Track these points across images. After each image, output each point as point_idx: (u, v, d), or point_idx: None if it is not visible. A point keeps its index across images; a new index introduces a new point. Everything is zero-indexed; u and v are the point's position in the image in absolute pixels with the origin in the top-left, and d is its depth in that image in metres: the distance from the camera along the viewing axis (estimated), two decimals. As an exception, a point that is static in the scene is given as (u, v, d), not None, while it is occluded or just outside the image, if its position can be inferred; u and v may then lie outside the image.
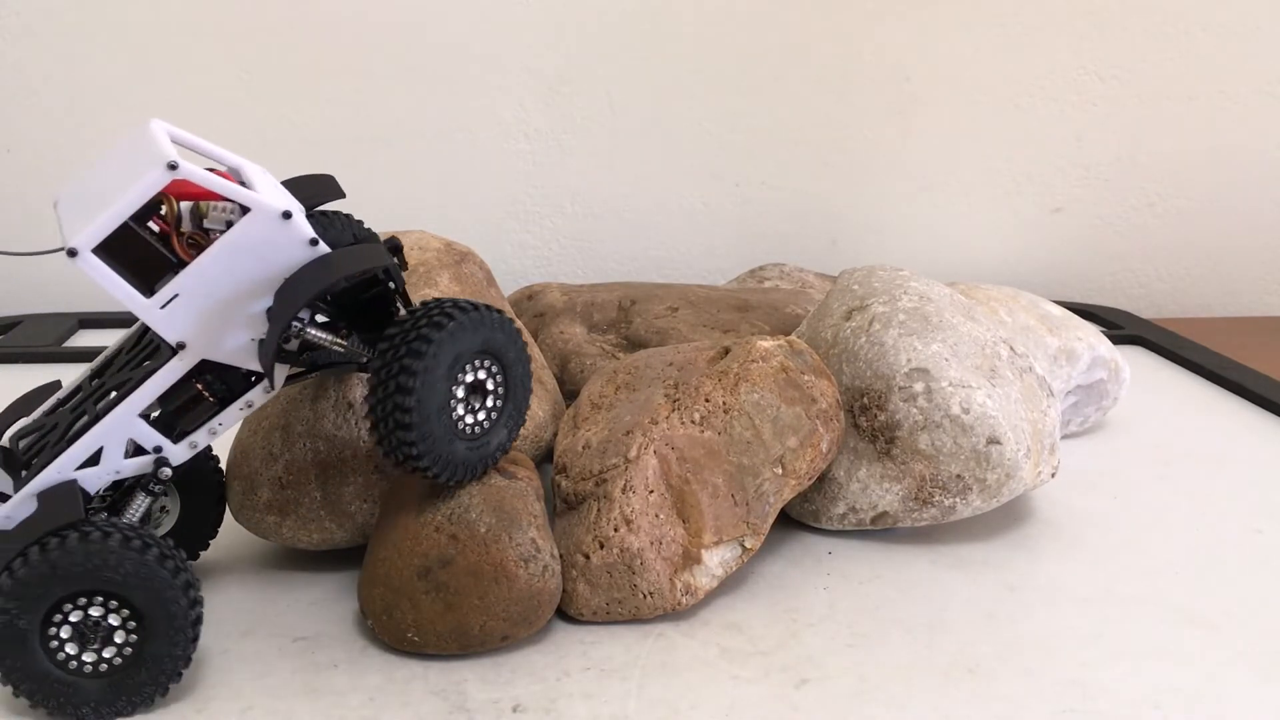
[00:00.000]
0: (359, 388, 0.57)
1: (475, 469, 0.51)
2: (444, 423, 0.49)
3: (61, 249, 0.45)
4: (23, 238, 1.06)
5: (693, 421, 0.56)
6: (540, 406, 0.64)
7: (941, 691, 0.49)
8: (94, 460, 0.47)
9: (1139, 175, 1.14)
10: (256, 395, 0.49)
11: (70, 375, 0.55)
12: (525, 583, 0.49)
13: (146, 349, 0.51)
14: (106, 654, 0.45)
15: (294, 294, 0.46)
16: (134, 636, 0.45)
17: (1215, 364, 0.91)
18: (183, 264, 0.46)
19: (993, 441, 0.58)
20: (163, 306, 0.46)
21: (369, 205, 0.63)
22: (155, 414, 0.49)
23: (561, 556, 0.53)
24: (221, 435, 0.50)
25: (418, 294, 0.63)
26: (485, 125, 1.08)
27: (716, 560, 0.55)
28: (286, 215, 0.46)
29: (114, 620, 0.45)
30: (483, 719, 0.46)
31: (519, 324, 0.52)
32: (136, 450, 0.49)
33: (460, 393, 0.49)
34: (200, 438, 0.49)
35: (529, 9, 1.05)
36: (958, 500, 0.59)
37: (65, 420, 0.49)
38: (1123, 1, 1.08)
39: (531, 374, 0.53)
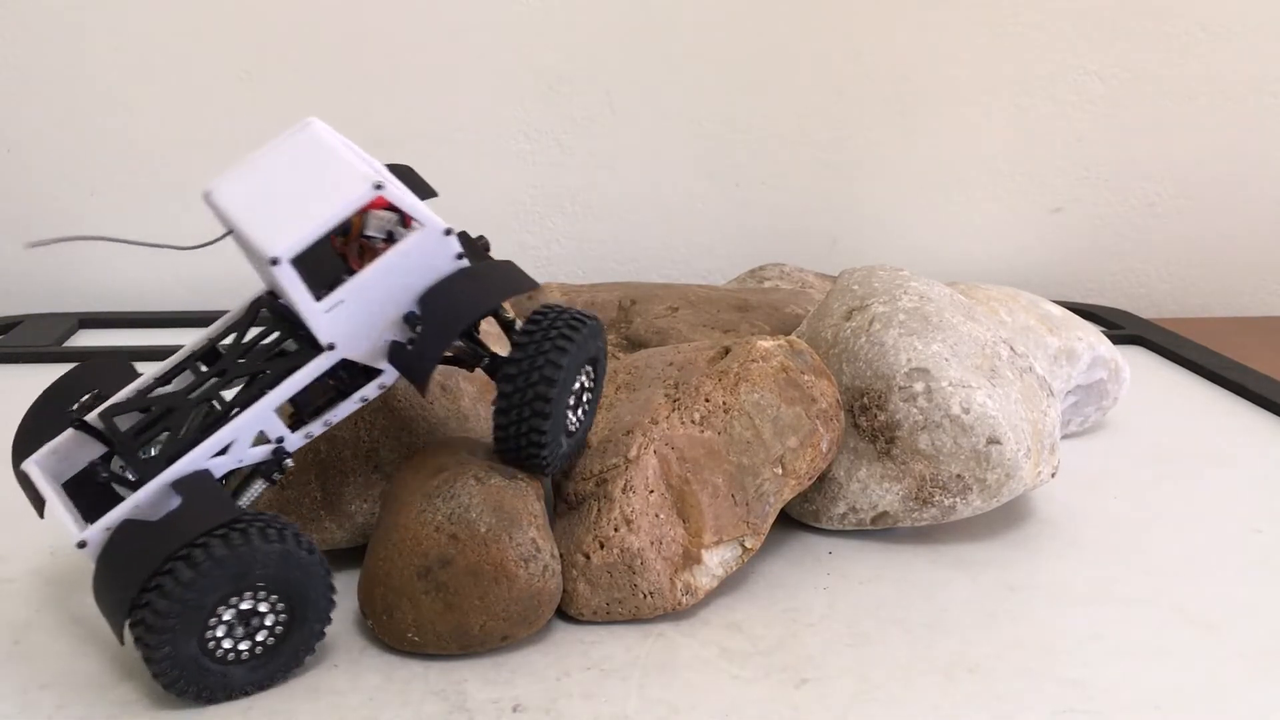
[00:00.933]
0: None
1: (563, 462, 0.55)
2: (563, 418, 0.53)
3: (199, 245, 0.48)
4: (24, 238, 1.06)
5: (693, 421, 0.56)
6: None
7: (941, 691, 0.49)
8: (223, 449, 0.48)
9: (1139, 175, 1.14)
10: (372, 390, 0.51)
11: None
12: (525, 583, 0.49)
13: (269, 340, 0.52)
14: (253, 643, 0.47)
15: (460, 310, 0.49)
16: (280, 629, 0.47)
17: (1215, 364, 0.91)
18: (351, 271, 0.48)
19: (993, 441, 0.58)
20: (328, 310, 0.47)
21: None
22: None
23: (561, 556, 0.53)
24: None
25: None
26: (485, 125, 1.08)
27: (716, 560, 0.55)
28: (448, 232, 0.49)
29: (266, 612, 0.46)
30: (483, 719, 0.46)
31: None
32: (258, 440, 0.50)
33: (576, 387, 0.53)
34: (315, 428, 0.51)
35: (529, 9, 1.05)
36: (958, 500, 0.59)
37: (185, 406, 0.49)
38: (1123, 1, 1.08)
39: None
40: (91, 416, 0.50)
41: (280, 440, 0.50)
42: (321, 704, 0.47)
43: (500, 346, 0.57)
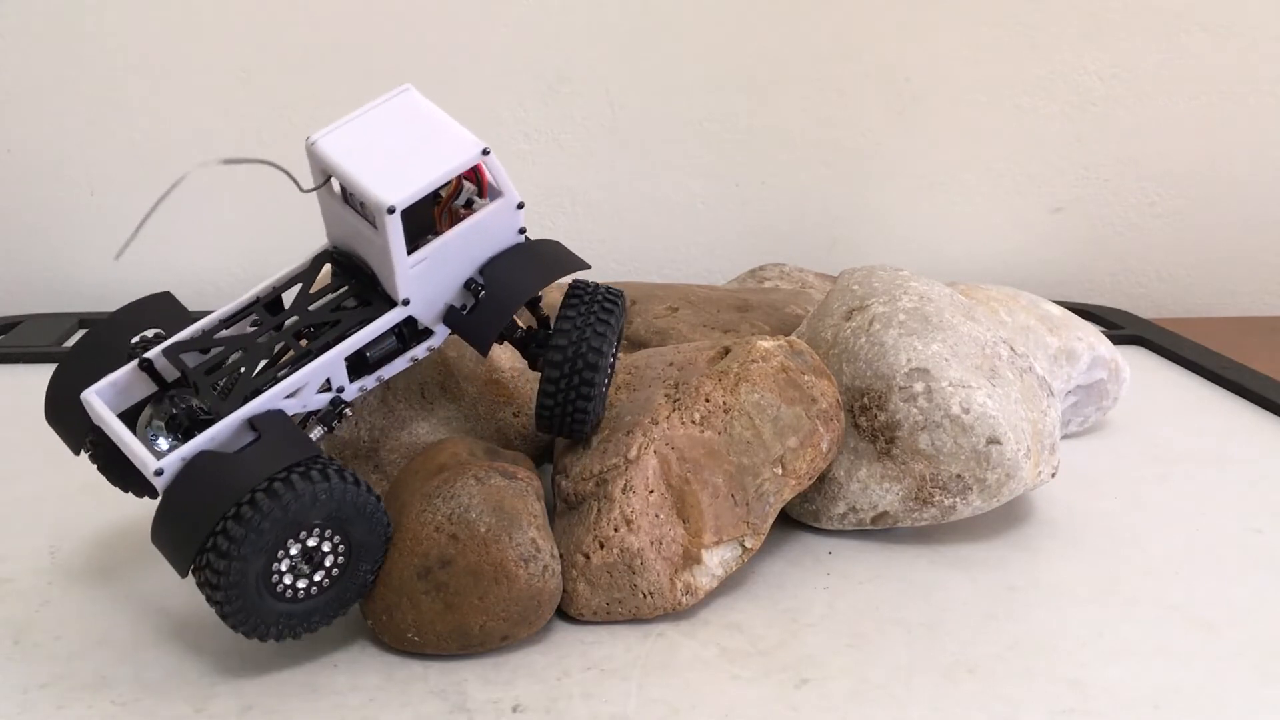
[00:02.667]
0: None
1: (596, 426, 0.57)
2: (602, 387, 0.55)
3: (308, 187, 0.50)
4: (24, 238, 1.06)
5: (693, 421, 0.56)
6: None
7: (941, 691, 0.49)
8: (293, 393, 0.49)
9: (1139, 175, 1.14)
10: (421, 351, 0.53)
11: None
12: (525, 583, 0.49)
13: (337, 291, 0.52)
14: (310, 582, 0.47)
15: (525, 283, 0.52)
16: (335, 570, 0.48)
17: (1215, 364, 0.91)
18: (436, 233, 0.51)
19: (993, 441, 0.58)
20: (413, 267, 0.49)
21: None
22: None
23: (561, 556, 0.53)
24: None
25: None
26: (485, 125, 1.08)
27: (716, 560, 0.55)
28: (520, 205, 0.52)
29: (328, 552, 0.47)
30: (483, 719, 0.46)
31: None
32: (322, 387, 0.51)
33: (610, 362, 0.55)
34: (369, 382, 0.52)
35: (529, 9, 1.05)
36: (958, 500, 0.59)
37: (256, 349, 0.50)
38: (1123, 1, 1.08)
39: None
40: (155, 353, 0.50)
41: (340, 390, 0.51)
42: (321, 704, 0.47)
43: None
